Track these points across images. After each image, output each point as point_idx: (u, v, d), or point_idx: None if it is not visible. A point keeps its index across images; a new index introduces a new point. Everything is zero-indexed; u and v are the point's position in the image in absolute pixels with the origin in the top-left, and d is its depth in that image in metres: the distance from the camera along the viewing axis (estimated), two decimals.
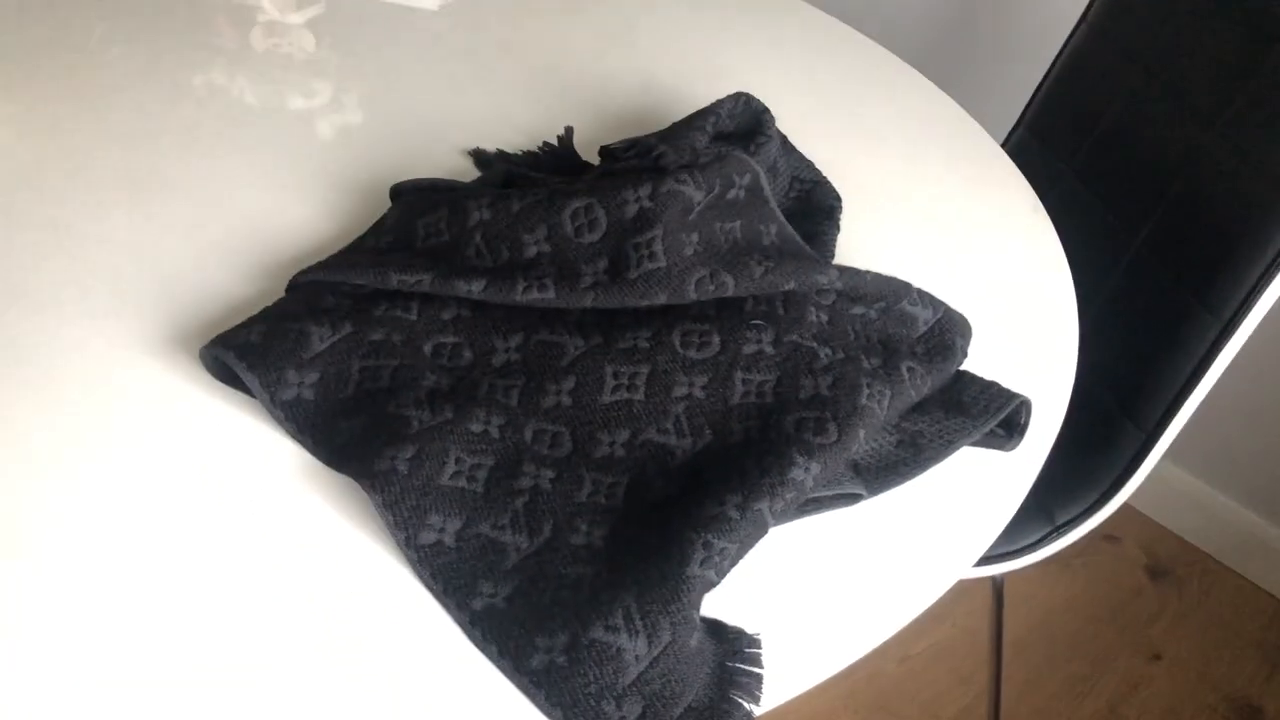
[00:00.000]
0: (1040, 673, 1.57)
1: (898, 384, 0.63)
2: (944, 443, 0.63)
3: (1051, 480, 0.95)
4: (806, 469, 0.56)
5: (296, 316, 0.62)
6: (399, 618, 0.53)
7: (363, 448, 0.57)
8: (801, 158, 0.85)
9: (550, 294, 0.62)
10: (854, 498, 0.60)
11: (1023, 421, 0.66)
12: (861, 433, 0.59)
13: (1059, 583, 1.70)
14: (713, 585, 0.52)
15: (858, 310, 0.68)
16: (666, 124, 0.76)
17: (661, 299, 0.63)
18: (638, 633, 0.50)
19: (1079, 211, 1.06)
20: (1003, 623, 1.57)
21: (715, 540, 0.53)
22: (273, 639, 0.51)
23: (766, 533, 0.54)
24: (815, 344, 0.64)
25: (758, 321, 0.64)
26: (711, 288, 0.63)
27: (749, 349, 0.63)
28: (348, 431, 0.59)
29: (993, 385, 0.66)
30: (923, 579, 0.59)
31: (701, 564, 0.52)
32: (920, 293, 0.69)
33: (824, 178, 0.83)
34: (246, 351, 0.60)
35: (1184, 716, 1.54)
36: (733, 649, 0.53)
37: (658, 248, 0.63)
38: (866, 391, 0.61)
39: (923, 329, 0.69)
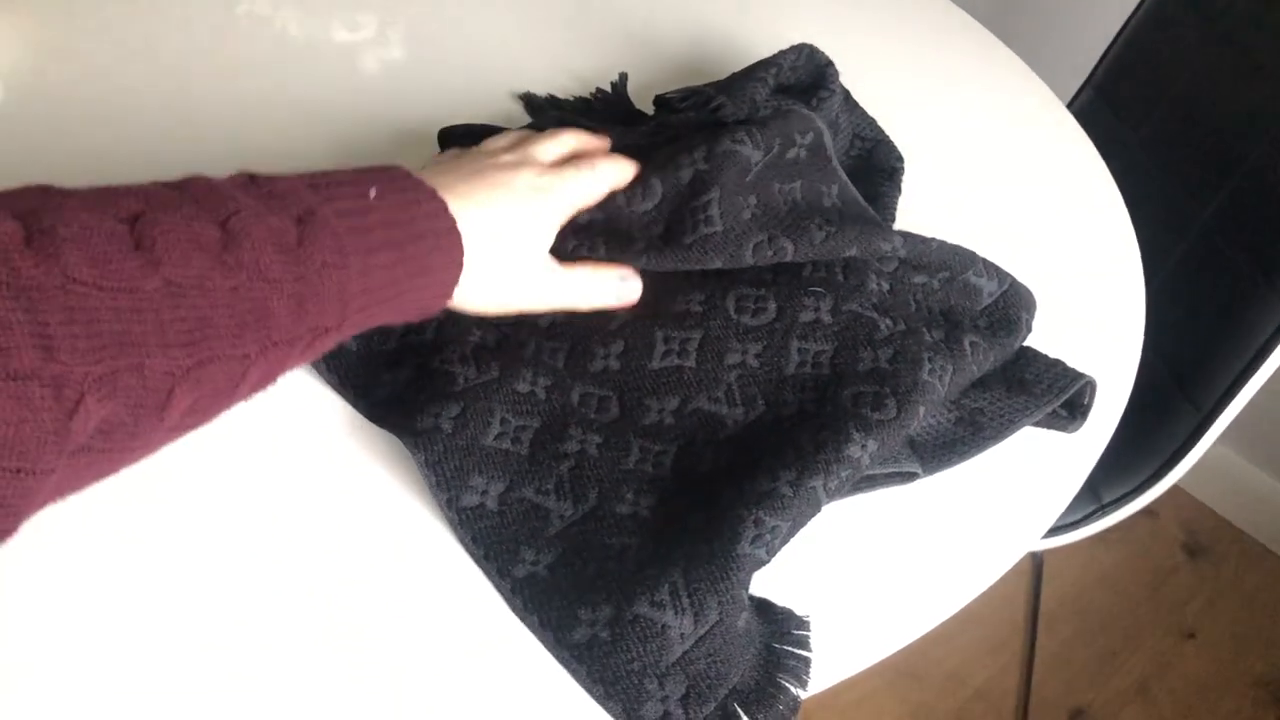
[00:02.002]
0: (1069, 647, 1.55)
1: (959, 359, 0.60)
2: (1004, 422, 0.60)
3: (1100, 457, 0.92)
4: (863, 446, 0.54)
5: None
6: (439, 582, 0.51)
7: (406, 403, 0.56)
8: (864, 114, 0.81)
9: (600, 252, 0.60)
10: (909, 476, 0.58)
11: (1086, 402, 0.63)
12: (921, 409, 0.57)
13: (1093, 556, 1.68)
14: (762, 564, 0.51)
15: (920, 279, 0.65)
16: (725, 74, 0.73)
17: (717, 264, 0.60)
18: (684, 610, 0.48)
19: (1144, 181, 1.02)
20: (1040, 599, 1.55)
21: (766, 518, 0.51)
22: (311, 594, 0.50)
23: (819, 511, 0.52)
24: (875, 314, 0.61)
25: (816, 288, 0.61)
26: (770, 253, 0.60)
27: (806, 316, 0.60)
28: (390, 384, 0.57)
29: (1057, 364, 0.64)
30: (975, 563, 0.57)
31: (752, 542, 0.50)
32: (986, 263, 0.66)
33: (886, 136, 0.80)
34: None
35: (1215, 697, 1.52)
36: (780, 630, 0.51)
37: (714, 211, 0.60)
38: (928, 366, 0.58)
39: (987, 301, 0.66)
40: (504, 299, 0.56)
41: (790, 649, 0.50)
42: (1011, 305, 0.66)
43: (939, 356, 0.59)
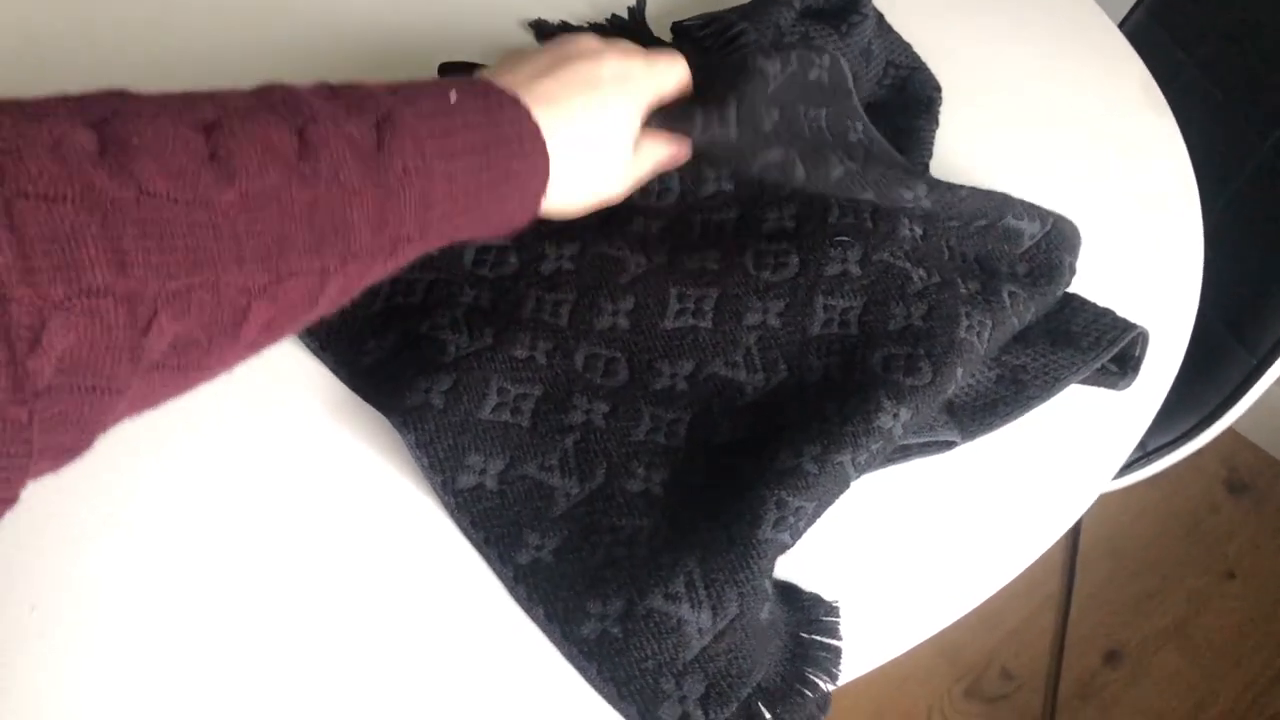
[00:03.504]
0: (1106, 587, 1.51)
1: (999, 312, 0.55)
2: (1050, 379, 0.56)
3: None
4: (895, 415, 0.49)
5: None
6: (435, 571, 0.48)
7: (393, 377, 0.52)
8: (899, 39, 0.76)
9: None
10: (946, 445, 0.54)
11: (1138, 355, 0.59)
12: (959, 371, 0.52)
13: (1131, 494, 1.63)
14: (786, 548, 0.47)
15: (954, 224, 0.60)
16: None
17: (723, 172, 0.55)
18: (701, 603, 0.45)
19: (1201, 109, 0.95)
20: (1079, 545, 1.51)
21: (789, 498, 0.47)
22: (295, 590, 0.47)
23: (848, 488, 0.48)
24: (908, 264, 0.56)
25: (843, 237, 0.57)
26: (779, 174, 0.55)
27: (832, 270, 0.56)
28: (375, 351, 0.53)
29: (1107, 313, 0.59)
30: (1015, 539, 0.53)
31: (774, 525, 0.46)
32: (1024, 205, 0.61)
33: (922, 63, 0.74)
34: None
35: (1254, 638, 1.48)
36: (808, 618, 0.47)
37: (730, 114, 0.55)
38: (965, 323, 0.54)
39: (1028, 244, 0.61)
40: (591, 197, 0.52)
41: (819, 638, 0.47)
42: (1054, 247, 0.61)
43: (976, 311, 0.55)
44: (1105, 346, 0.57)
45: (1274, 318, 0.87)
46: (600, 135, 0.51)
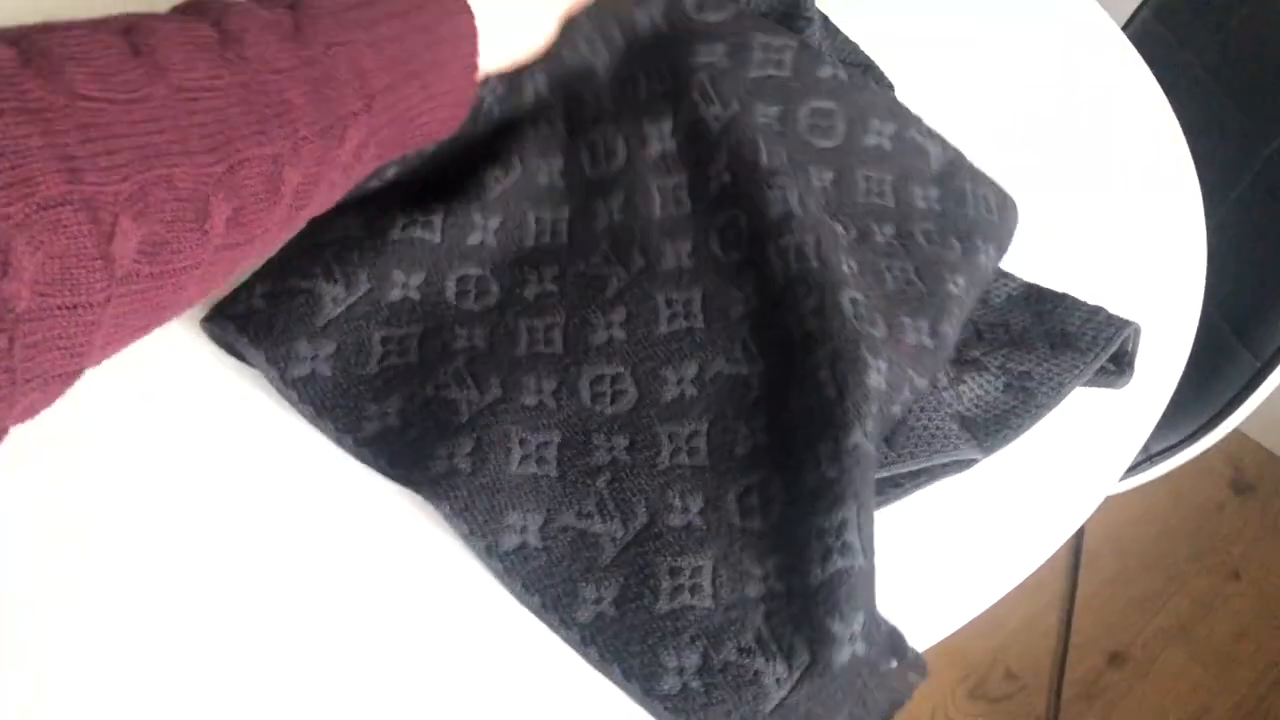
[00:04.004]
0: (1110, 587, 1.51)
1: (915, 253, 0.57)
2: (1055, 384, 0.56)
3: None
4: (878, 370, 0.50)
5: (305, 271, 0.53)
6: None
7: (409, 446, 0.50)
8: (847, 40, 0.74)
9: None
10: (969, 462, 0.54)
11: (1130, 350, 0.59)
12: (905, 319, 0.54)
13: (1135, 494, 1.63)
14: (854, 573, 0.46)
15: (871, 140, 0.61)
16: None
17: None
18: (774, 656, 0.45)
19: (1204, 110, 0.95)
20: (1083, 547, 1.51)
21: (826, 522, 0.47)
22: (294, 591, 0.47)
23: (875, 465, 0.48)
24: (829, 218, 0.57)
25: (780, 182, 0.56)
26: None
27: (776, 211, 0.55)
28: (378, 416, 0.51)
29: (1099, 311, 0.59)
30: (1024, 539, 0.53)
31: (823, 561, 0.46)
32: (929, 128, 0.63)
33: (872, 61, 0.73)
34: (249, 322, 0.52)
35: (1259, 639, 1.48)
36: (884, 650, 0.47)
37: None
38: (889, 276, 0.55)
39: (936, 168, 0.62)
40: (527, 47, 0.53)
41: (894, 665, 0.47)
42: (959, 175, 0.62)
43: (895, 259, 0.56)
44: (1103, 345, 0.58)
45: (1278, 319, 0.87)
46: None
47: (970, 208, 0.60)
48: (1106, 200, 0.70)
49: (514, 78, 0.57)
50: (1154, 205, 0.71)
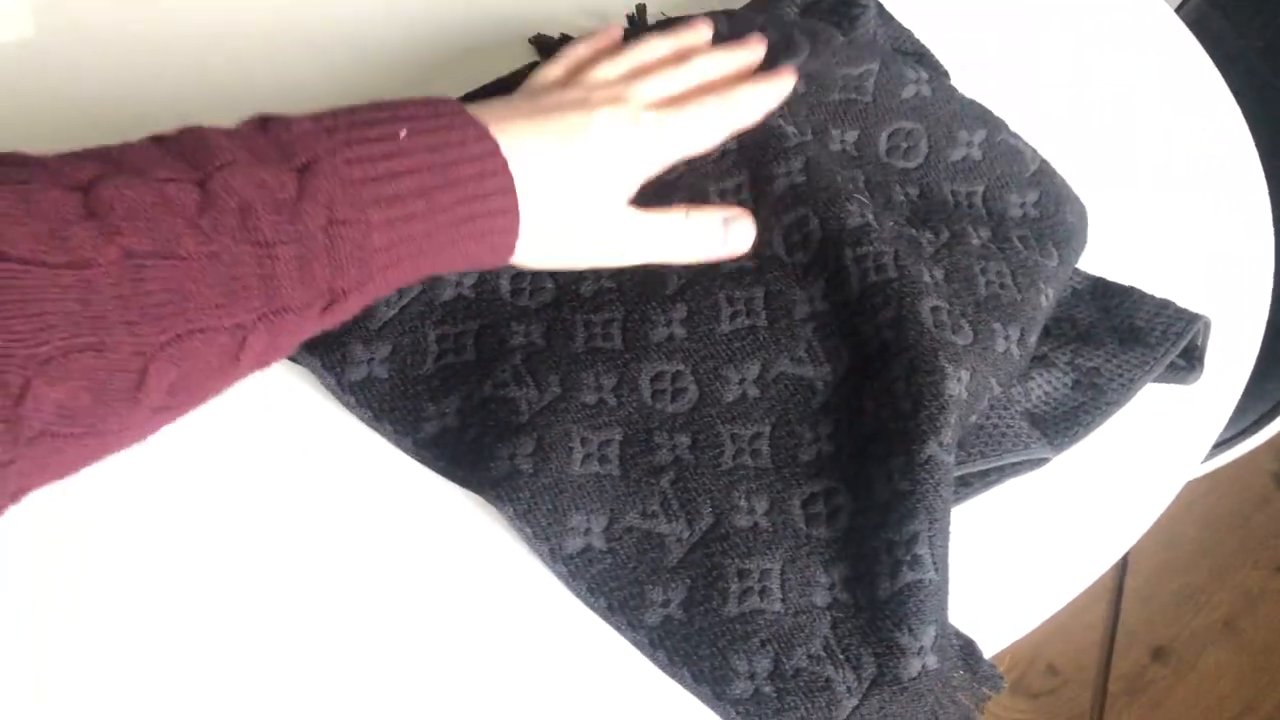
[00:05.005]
0: (1153, 581, 1.49)
1: (1013, 257, 0.55)
2: (1125, 381, 0.55)
3: None
4: (959, 380, 0.48)
5: None
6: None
7: (469, 447, 0.50)
8: (900, 27, 0.73)
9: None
10: (1040, 461, 0.52)
11: (1200, 344, 0.57)
12: (997, 326, 0.52)
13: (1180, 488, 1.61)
14: (923, 587, 0.45)
15: (958, 154, 0.59)
16: None
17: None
18: (842, 665, 0.45)
19: (1260, 97, 0.93)
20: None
21: (896, 536, 0.46)
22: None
23: (952, 472, 0.47)
24: (913, 230, 0.56)
25: (860, 196, 0.55)
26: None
27: (853, 222, 0.54)
28: (437, 416, 0.51)
29: (1167, 304, 0.58)
30: (1097, 540, 0.52)
31: (892, 575, 0.45)
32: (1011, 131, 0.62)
33: (926, 49, 0.71)
34: None
35: None
36: (957, 662, 0.46)
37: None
38: (983, 279, 0.53)
39: (1032, 168, 0.60)
40: (572, 254, 0.49)
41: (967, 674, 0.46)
42: (1053, 178, 0.61)
43: (991, 261, 0.54)
44: (1173, 339, 0.56)
45: None
46: (584, 184, 0.47)
47: (1068, 212, 0.59)
48: (1169, 191, 0.69)
49: None
50: (1217, 197, 0.69)
